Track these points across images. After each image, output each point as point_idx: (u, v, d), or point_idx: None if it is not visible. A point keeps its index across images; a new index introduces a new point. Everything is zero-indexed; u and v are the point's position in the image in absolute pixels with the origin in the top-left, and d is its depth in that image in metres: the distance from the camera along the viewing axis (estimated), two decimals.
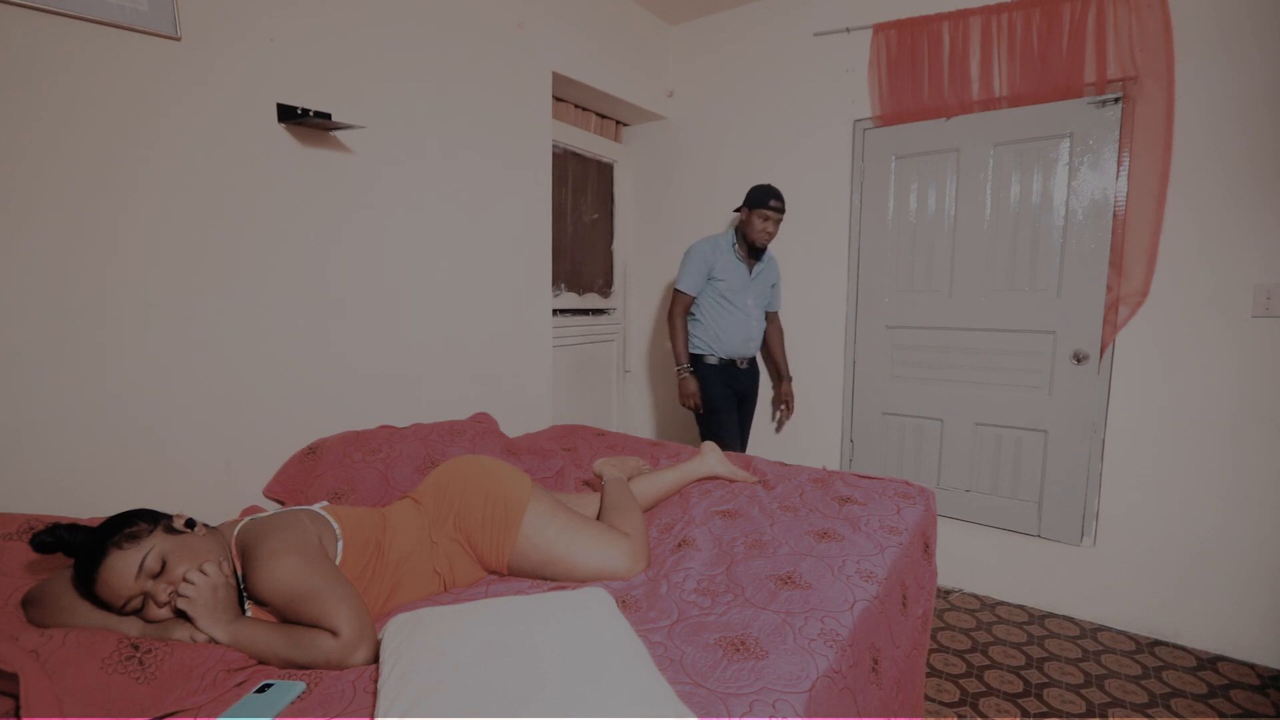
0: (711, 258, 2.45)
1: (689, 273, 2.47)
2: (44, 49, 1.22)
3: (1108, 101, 2.10)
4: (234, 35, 1.50)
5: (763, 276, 2.55)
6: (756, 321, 2.54)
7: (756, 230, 2.38)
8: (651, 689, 0.82)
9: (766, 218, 2.37)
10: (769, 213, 2.36)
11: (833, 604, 1.11)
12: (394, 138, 1.88)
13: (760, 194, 2.36)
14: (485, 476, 1.34)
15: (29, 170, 1.22)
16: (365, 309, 1.85)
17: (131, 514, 1.03)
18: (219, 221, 1.50)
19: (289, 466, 1.64)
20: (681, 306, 2.49)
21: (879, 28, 2.46)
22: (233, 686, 0.91)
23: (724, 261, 2.46)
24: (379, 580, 1.17)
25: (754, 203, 2.37)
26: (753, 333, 2.53)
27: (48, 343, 1.26)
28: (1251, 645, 2.03)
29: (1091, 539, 2.26)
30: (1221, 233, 1.98)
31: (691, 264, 2.47)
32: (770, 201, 2.34)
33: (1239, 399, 1.99)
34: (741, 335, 2.50)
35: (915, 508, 1.58)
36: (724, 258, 2.46)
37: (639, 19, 2.89)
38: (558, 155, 2.80)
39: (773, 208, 2.35)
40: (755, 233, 2.39)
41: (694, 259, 2.47)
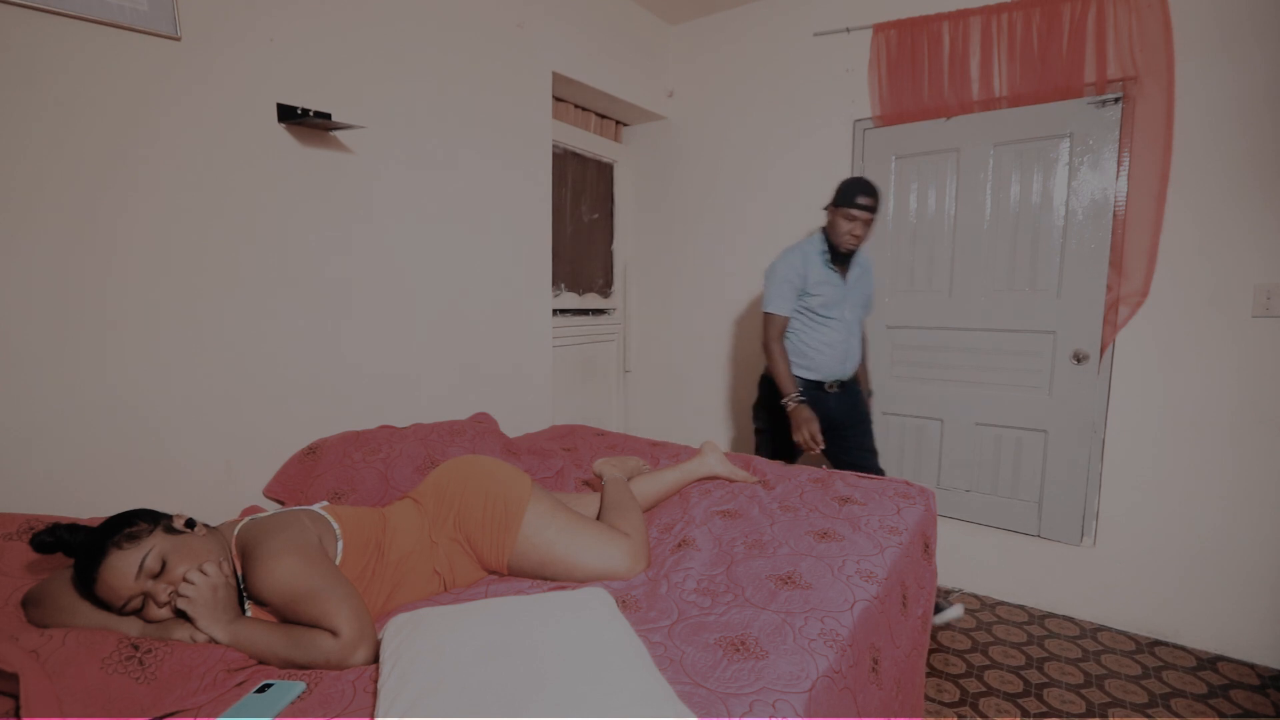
0: (802, 269, 2.12)
1: (777, 291, 2.14)
2: (44, 49, 1.22)
3: (1108, 101, 2.10)
4: (234, 35, 1.50)
5: (860, 283, 2.21)
6: (856, 336, 2.22)
7: (841, 232, 2.06)
8: (651, 689, 0.82)
9: (852, 218, 2.02)
10: (855, 212, 2.01)
11: (833, 604, 1.11)
12: (394, 138, 1.88)
13: (846, 190, 2.03)
14: (485, 476, 1.34)
15: (29, 170, 1.22)
16: (365, 309, 1.85)
17: (131, 514, 1.03)
18: (219, 221, 1.50)
19: (289, 466, 1.64)
20: (776, 330, 2.16)
21: (879, 28, 2.46)
22: (233, 686, 0.91)
23: (816, 272, 2.13)
24: (379, 580, 1.17)
25: (839, 200, 2.06)
26: (851, 349, 2.21)
27: (48, 343, 1.26)
28: (1251, 645, 2.03)
29: (1091, 539, 2.26)
30: (1221, 233, 1.98)
31: (778, 281, 2.15)
32: (858, 199, 2.00)
33: (1239, 399, 1.99)
34: (839, 352, 2.18)
35: (915, 508, 1.59)
36: (815, 268, 2.13)
37: (639, 19, 2.89)
38: (558, 155, 2.80)
39: (860, 206, 2.00)
40: (839, 235, 2.07)
41: (780, 274, 2.15)
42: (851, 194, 2.02)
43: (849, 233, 2.06)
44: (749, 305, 2.96)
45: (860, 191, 2.01)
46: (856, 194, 2.01)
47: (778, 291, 2.15)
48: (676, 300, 3.18)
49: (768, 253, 2.86)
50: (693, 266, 3.11)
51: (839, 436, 2.21)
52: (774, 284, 2.16)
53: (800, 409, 2.07)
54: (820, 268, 2.14)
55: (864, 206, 2.01)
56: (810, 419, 2.04)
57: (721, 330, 3.05)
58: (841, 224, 2.06)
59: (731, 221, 2.97)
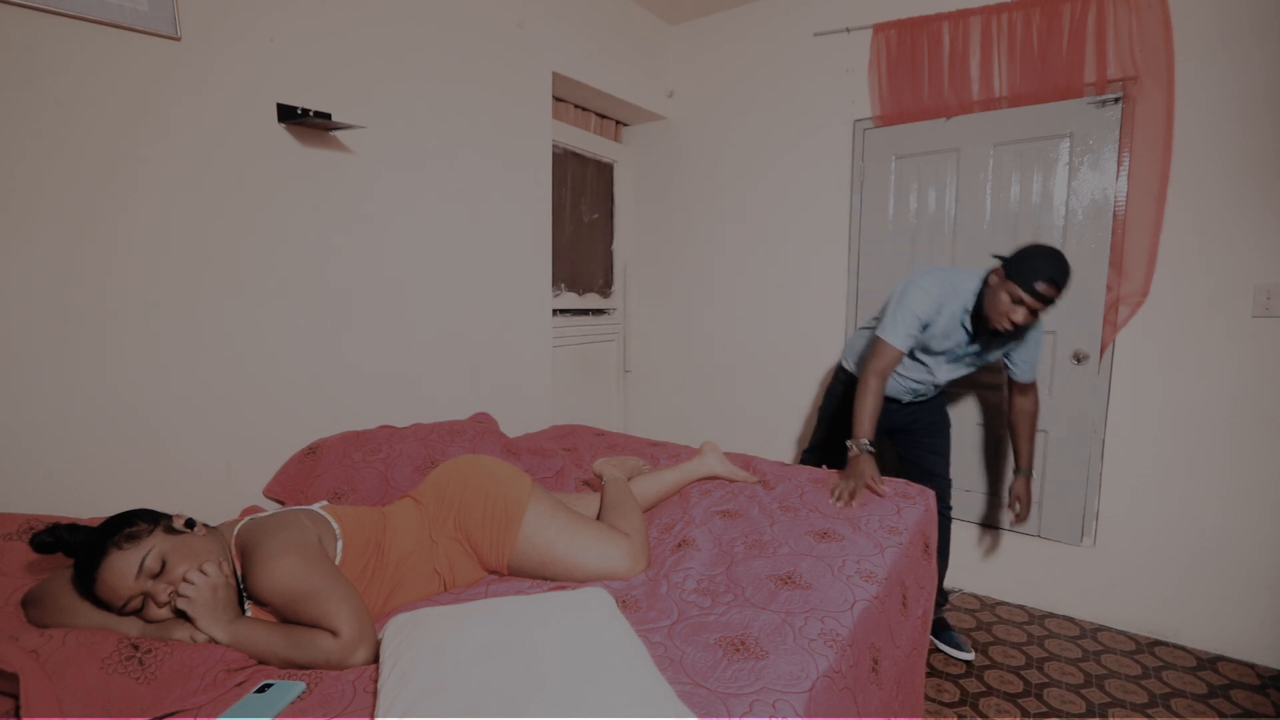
0: (932, 313, 1.75)
1: (902, 320, 1.75)
2: (44, 49, 1.22)
3: (1108, 101, 2.10)
4: (234, 35, 1.50)
5: (991, 349, 1.84)
6: (938, 378, 1.93)
7: (998, 311, 1.62)
8: (651, 689, 0.82)
9: (1020, 301, 1.59)
10: (1027, 297, 1.57)
11: (833, 604, 1.11)
12: (394, 138, 1.88)
13: (1029, 265, 1.57)
14: (485, 476, 1.34)
15: (29, 170, 1.22)
16: (365, 309, 1.85)
17: (131, 514, 1.03)
18: (219, 221, 1.50)
19: (289, 466, 1.64)
20: (885, 363, 1.78)
21: (879, 28, 2.46)
22: (233, 686, 0.91)
23: (944, 324, 1.78)
24: (379, 580, 1.17)
25: (1013, 271, 1.60)
26: (923, 388, 1.98)
27: (48, 343, 1.26)
28: (1251, 645, 2.03)
29: (1091, 539, 2.26)
30: (1221, 233, 1.98)
31: (906, 311, 1.74)
32: (1038, 284, 1.54)
33: (1239, 399, 1.99)
34: (905, 385, 1.97)
35: (915, 508, 1.58)
36: (945, 320, 1.77)
37: (639, 19, 2.89)
38: (558, 155, 2.80)
39: (1038, 294, 1.55)
40: (995, 312, 1.63)
41: (911, 304, 1.74)
42: (1033, 273, 1.55)
43: (1007, 316, 1.61)
44: (749, 305, 2.96)
45: (1047, 275, 1.54)
46: (1040, 277, 1.54)
47: (902, 321, 1.75)
48: (676, 300, 3.18)
49: (767, 252, 2.88)
50: (693, 266, 3.11)
51: (906, 437, 2.08)
52: (901, 311, 1.76)
53: (861, 460, 1.70)
54: (951, 323, 1.76)
55: (1043, 296, 1.56)
56: (862, 475, 1.66)
57: (722, 330, 3.05)
58: (1003, 300, 1.61)
59: (731, 221, 2.97)
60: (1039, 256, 1.58)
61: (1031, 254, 1.60)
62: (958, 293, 1.76)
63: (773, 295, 2.89)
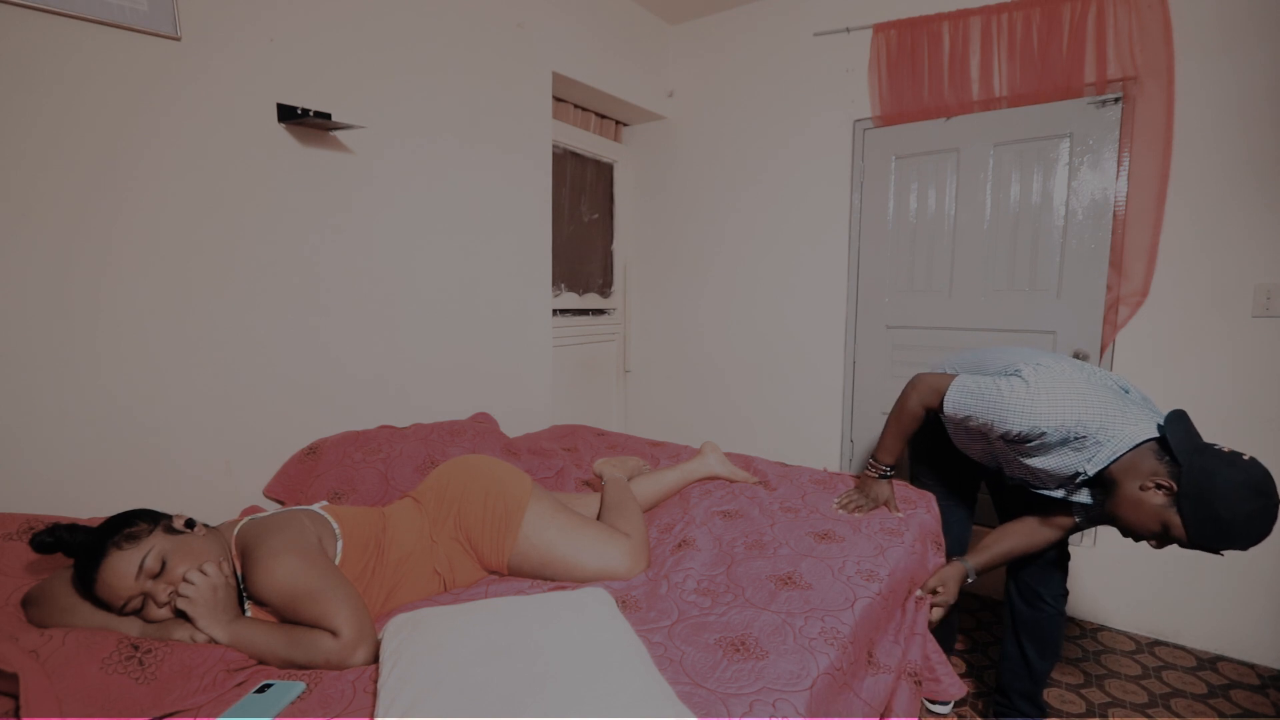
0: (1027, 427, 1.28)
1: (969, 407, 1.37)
2: (44, 49, 1.22)
3: (1108, 101, 2.10)
4: (234, 35, 1.50)
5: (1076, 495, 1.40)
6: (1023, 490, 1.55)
7: (1142, 526, 1.22)
8: (651, 689, 0.82)
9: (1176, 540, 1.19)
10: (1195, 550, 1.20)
11: (833, 604, 1.11)
12: (394, 138, 1.88)
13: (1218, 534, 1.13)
14: (486, 476, 1.34)
15: (28, 170, 1.22)
16: (365, 309, 1.84)
17: (131, 514, 1.03)
18: (219, 221, 1.50)
19: (289, 466, 1.64)
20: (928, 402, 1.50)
21: (879, 28, 2.46)
22: (233, 686, 0.91)
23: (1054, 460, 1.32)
24: (379, 580, 1.17)
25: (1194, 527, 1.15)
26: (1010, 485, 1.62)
27: (48, 343, 1.26)
28: (1251, 645, 2.03)
29: (1092, 539, 2.26)
30: (1221, 233, 1.98)
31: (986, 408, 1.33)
32: (1223, 548, 1.15)
33: (1239, 399, 1.99)
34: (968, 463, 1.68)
35: (917, 510, 1.58)
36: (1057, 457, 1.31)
37: (639, 19, 2.89)
38: (558, 155, 2.80)
39: (1215, 551, 1.17)
40: (1134, 524, 1.23)
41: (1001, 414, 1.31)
42: (1221, 541, 1.14)
43: (1145, 538, 1.23)
44: (749, 305, 2.96)
45: (1238, 547, 1.13)
46: (1229, 547, 1.14)
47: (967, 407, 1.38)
48: (677, 300, 3.18)
49: (767, 252, 2.87)
50: (693, 266, 3.11)
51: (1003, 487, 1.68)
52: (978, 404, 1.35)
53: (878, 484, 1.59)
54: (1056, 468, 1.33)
55: (1217, 552, 1.18)
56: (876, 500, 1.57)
57: (722, 330, 3.05)
58: (1148, 523, 1.20)
59: (731, 221, 2.97)
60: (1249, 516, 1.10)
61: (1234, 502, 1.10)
62: (1083, 442, 1.26)
63: (773, 295, 2.88)
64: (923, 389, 1.52)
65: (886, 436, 1.60)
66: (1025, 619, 1.60)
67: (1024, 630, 1.61)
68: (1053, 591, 1.56)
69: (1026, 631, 1.60)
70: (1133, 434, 1.23)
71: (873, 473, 1.62)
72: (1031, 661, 1.61)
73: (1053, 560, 1.56)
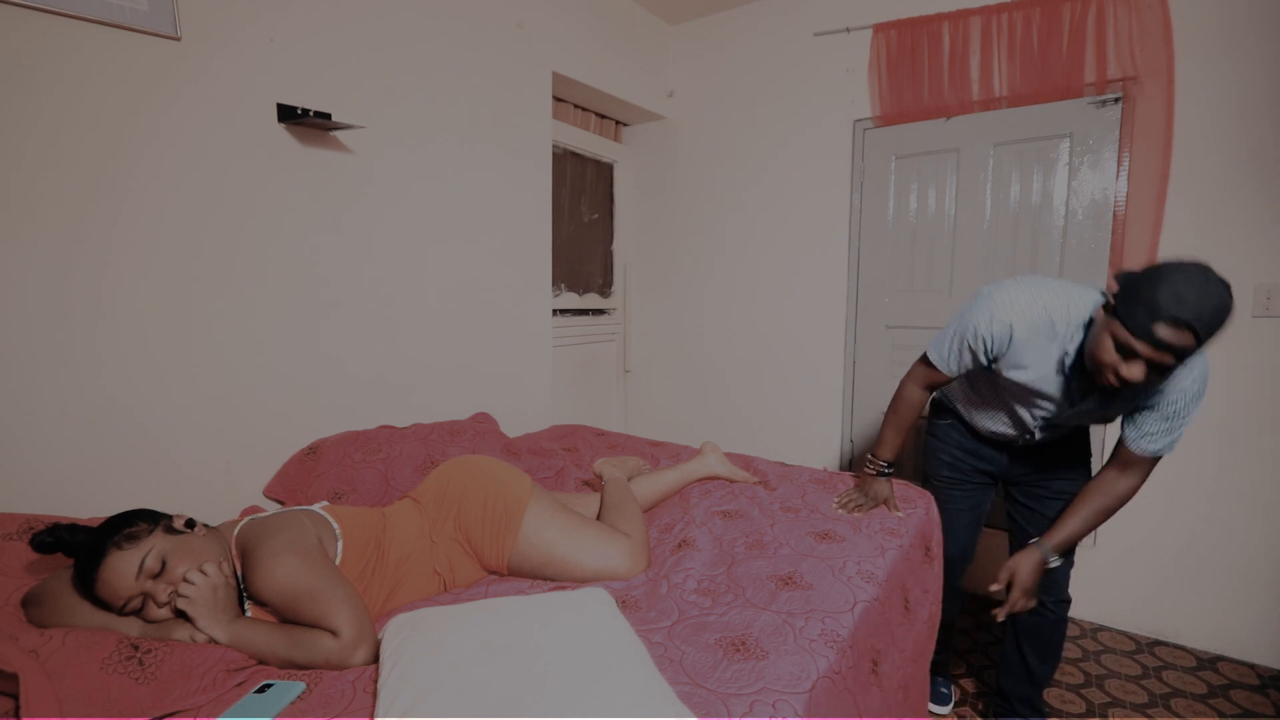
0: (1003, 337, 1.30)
1: (949, 344, 1.41)
2: (44, 49, 1.22)
3: (1108, 101, 2.10)
4: (234, 35, 1.50)
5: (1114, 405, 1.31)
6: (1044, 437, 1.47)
7: (1102, 361, 1.14)
8: (651, 689, 0.82)
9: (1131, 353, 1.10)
10: (1140, 346, 1.08)
11: (833, 604, 1.11)
12: (394, 138, 1.88)
13: (1150, 297, 1.05)
14: (485, 477, 1.34)
15: (28, 171, 1.22)
16: (365, 309, 1.85)
17: (131, 514, 1.03)
18: (219, 222, 1.50)
19: (289, 466, 1.64)
20: (920, 381, 1.51)
21: (879, 28, 2.46)
22: (233, 686, 0.91)
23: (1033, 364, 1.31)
24: (379, 580, 1.17)
25: (1123, 308, 1.10)
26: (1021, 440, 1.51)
27: (48, 343, 1.26)
28: (1251, 645, 2.03)
29: (1092, 539, 2.26)
30: (1221, 233, 1.98)
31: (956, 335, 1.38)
32: (1158, 328, 1.05)
33: (1240, 399, 1.99)
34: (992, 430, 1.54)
35: (916, 510, 1.58)
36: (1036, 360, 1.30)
37: (639, 19, 2.89)
38: (558, 155, 2.80)
39: (1159, 342, 1.06)
40: (1095, 361, 1.16)
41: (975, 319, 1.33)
42: (1150, 315, 1.06)
43: (1114, 369, 1.13)
44: (749, 305, 2.96)
45: (1170, 316, 1.04)
46: (1159, 318, 1.05)
47: (949, 345, 1.41)
48: (676, 300, 3.18)
49: (767, 252, 2.88)
50: (692, 266, 3.11)
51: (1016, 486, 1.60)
52: (952, 333, 1.40)
53: (876, 483, 1.57)
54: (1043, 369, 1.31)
55: (1165, 345, 1.06)
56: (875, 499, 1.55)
57: (722, 330, 3.05)
58: (1104, 348, 1.13)
59: (731, 221, 2.97)
60: (1170, 281, 1.04)
61: (1158, 276, 1.06)
62: (1053, 327, 1.26)
63: (773, 295, 2.89)
64: (909, 372, 1.54)
65: (885, 431, 1.59)
66: (1026, 623, 1.58)
67: (1024, 634, 1.60)
68: (1054, 596, 1.54)
69: (1027, 636, 1.59)
70: (1092, 298, 1.25)
71: (871, 470, 1.61)
72: (1032, 666, 1.60)
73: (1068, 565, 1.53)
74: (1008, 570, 1.40)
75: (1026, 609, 1.39)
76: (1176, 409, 1.23)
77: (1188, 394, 1.21)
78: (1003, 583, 1.40)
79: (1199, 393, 1.22)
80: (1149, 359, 1.09)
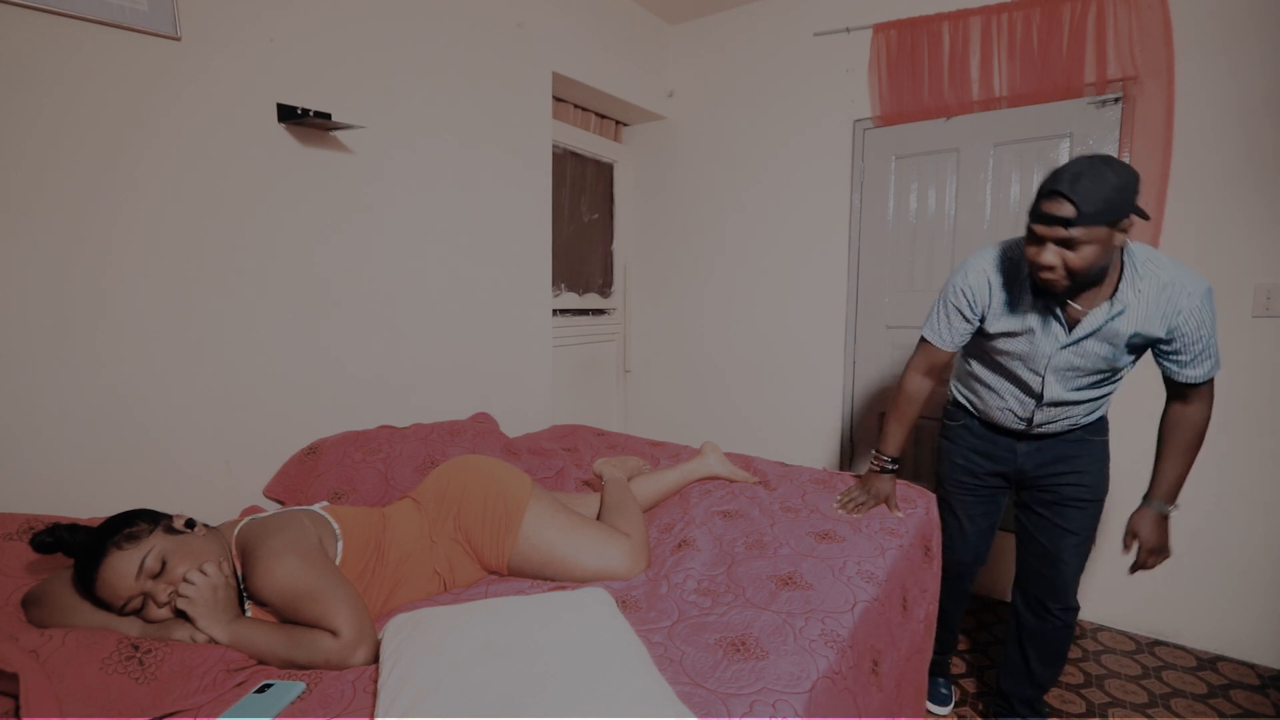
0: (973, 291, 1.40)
1: (936, 311, 1.48)
2: (44, 49, 1.22)
3: (1108, 101, 2.10)
4: (234, 35, 1.50)
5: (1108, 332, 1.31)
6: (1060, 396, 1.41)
7: (1027, 256, 1.25)
8: (651, 689, 0.82)
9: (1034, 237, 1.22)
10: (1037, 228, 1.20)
11: (833, 605, 1.11)
12: (394, 138, 1.88)
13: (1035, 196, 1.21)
14: (485, 477, 1.34)
15: (28, 171, 1.22)
16: (365, 309, 1.85)
17: (131, 514, 1.03)
18: (219, 222, 1.50)
19: (289, 466, 1.64)
20: (920, 367, 1.54)
21: (879, 28, 2.46)
22: (233, 686, 0.91)
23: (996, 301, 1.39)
24: (379, 580, 1.17)
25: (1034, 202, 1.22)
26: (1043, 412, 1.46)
27: (48, 343, 1.26)
28: (1251, 645, 2.03)
29: None
30: (1221, 233, 1.98)
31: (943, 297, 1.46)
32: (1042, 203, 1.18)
33: (1240, 399, 1.99)
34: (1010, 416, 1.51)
35: (916, 510, 1.58)
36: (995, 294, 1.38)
37: (639, 19, 2.89)
38: (558, 155, 2.80)
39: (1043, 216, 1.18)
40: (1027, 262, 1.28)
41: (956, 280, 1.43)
42: (1035, 198, 1.20)
43: (1035, 259, 1.22)
44: (749, 305, 2.96)
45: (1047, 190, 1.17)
46: (1040, 197, 1.18)
47: (938, 315, 1.47)
48: (676, 300, 3.18)
49: (767, 252, 2.88)
50: (692, 266, 3.11)
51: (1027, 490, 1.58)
52: (938, 304, 1.48)
53: (879, 480, 1.57)
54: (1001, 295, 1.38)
55: (1048, 217, 1.16)
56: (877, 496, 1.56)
57: (722, 330, 3.05)
58: (1026, 250, 1.25)
59: (731, 221, 2.97)
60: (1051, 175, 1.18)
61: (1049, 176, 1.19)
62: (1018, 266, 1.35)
63: (773, 295, 2.89)
64: (909, 361, 1.56)
65: (888, 426, 1.58)
66: (1030, 628, 1.58)
67: (1029, 639, 1.59)
68: (1060, 604, 1.53)
69: (1031, 641, 1.59)
70: None
71: (875, 466, 1.60)
72: (1034, 669, 1.59)
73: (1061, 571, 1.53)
74: (1129, 532, 1.45)
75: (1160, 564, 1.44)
76: (1187, 333, 1.27)
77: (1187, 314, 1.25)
78: (1128, 546, 1.44)
79: (1201, 307, 1.25)
80: (1046, 237, 1.18)
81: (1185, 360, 1.31)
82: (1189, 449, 1.41)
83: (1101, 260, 1.18)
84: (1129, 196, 1.14)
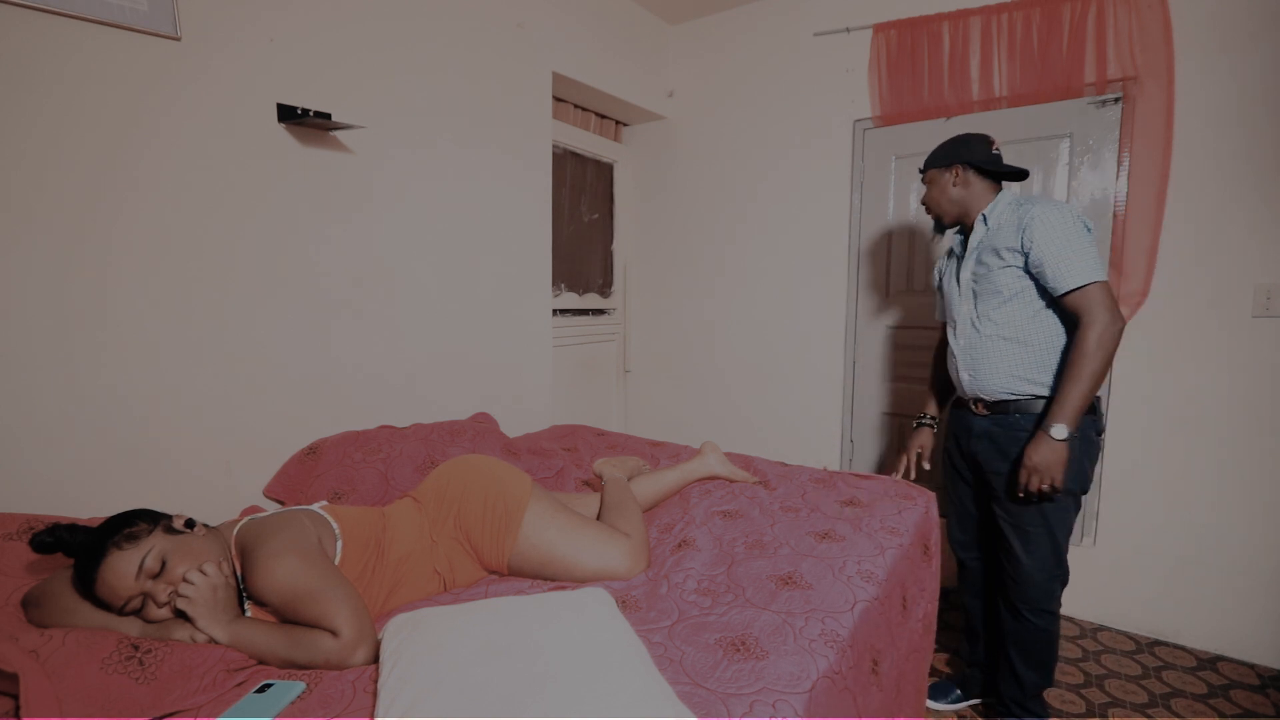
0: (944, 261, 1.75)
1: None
2: (44, 49, 1.22)
3: (1108, 101, 2.10)
4: (234, 35, 1.50)
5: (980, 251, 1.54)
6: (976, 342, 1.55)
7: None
8: (651, 689, 0.82)
9: None
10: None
11: (833, 604, 1.11)
12: (394, 138, 1.88)
13: None
14: (485, 477, 1.34)
15: (29, 171, 1.22)
16: (365, 309, 1.85)
17: (131, 514, 1.03)
18: (219, 221, 1.50)
19: (289, 466, 1.64)
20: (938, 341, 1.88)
21: (879, 28, 2.46)
22: (233, 686, 0.91)
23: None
24: (379, 580, 1.17)
25: None
26: (970, 361, 1.58)
27: (48, 343, 1.26)
28: (1251, 645, 2.03)
29: (1092, 539, 2.26)
30: (1221, 233, 1.98)
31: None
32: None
33: (1239, 399, 1.99)
34: (952, 364, 1.66)
35: (915, 509, 1.58)
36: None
37: (639, 19, 2.89)
38: (558, 155, 2.80)
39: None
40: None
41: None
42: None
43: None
44: (749, 305, 2.96)
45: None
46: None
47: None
48: (676, 300, 3.18)
49: (768, 252, 2.88)
50: (692, 266, 3.11)
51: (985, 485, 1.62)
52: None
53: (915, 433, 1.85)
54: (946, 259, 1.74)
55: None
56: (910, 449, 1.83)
57: (722, 330, 3.05)
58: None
59: (732, 221, 2.97)
60: None
61: None
62: None
63: (773, 295, 2.89)
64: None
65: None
66: (1007, 628, 1.61)
67: (1008, 640, 1.61)
68: (1029, 606, 1.54)
69: (1014, 642, 1.60)
70: None
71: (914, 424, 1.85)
72: (1019, 672, 1.60)
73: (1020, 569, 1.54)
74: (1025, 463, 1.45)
75: (1041, 488, 1.43)
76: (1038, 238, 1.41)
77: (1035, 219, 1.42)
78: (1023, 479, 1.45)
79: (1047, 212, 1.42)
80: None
81: (1047, 270, 1.42)
82: (1074, 367, 1.40)
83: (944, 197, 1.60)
84: (958, 149, 1.56)
